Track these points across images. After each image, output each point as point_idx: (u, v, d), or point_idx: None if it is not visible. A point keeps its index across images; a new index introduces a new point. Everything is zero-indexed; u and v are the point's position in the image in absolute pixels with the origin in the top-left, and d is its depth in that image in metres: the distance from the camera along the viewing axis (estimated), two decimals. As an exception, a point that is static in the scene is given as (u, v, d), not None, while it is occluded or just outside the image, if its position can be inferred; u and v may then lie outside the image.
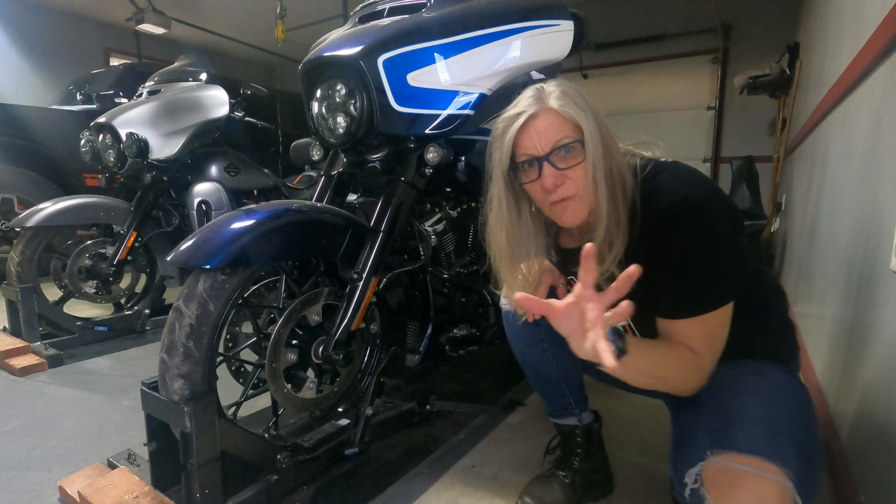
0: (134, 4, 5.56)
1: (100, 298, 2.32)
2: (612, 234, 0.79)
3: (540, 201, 0.85)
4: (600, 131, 0.79)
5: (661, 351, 0.77)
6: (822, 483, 1.17)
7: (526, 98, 0.83)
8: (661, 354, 0.76)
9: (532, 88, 0.84)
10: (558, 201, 0.81)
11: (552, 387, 1.10)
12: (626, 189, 0.80)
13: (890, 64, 1.08)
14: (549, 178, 0.80)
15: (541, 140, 0.80)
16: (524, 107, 0.82)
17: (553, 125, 0.80)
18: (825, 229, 1.71)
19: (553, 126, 0.80)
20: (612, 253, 0.79)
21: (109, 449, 1.29)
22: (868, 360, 1.05)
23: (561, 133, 0.80)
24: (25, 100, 4.88)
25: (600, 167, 0.78)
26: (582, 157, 0.79)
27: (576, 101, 0.80)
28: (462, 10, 1.20)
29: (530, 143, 0.81)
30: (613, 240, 0.79)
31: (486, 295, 1.45)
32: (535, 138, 0.81)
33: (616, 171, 0.80)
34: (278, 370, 1.05)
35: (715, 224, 0.76)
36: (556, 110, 0.80)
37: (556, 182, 0.80)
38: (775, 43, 4.28)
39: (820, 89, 2.16)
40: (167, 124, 2.30)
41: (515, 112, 0.83)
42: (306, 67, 1.19)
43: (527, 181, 0.84)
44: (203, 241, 0.96)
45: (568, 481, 1.09)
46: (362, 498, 1.11)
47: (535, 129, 0.81)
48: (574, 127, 0.79)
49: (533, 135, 0.81)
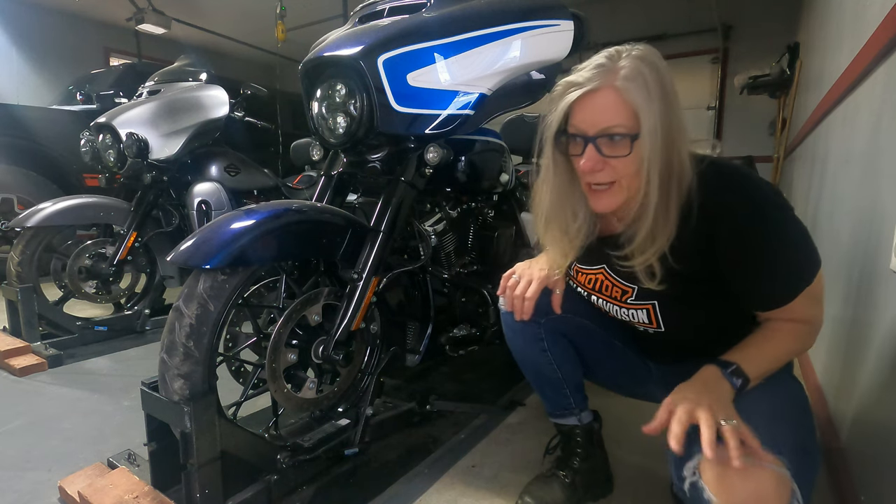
0: (134, 4, 5.56)
1: (100, 298, 2.32)
2: (657, 228, 0.76)
3: (581, 178, 0.82)
4: (663, 125, 0.73)
5: (774, 345, 0.78)
6: (822, 481, 1.17)
7: (594, 64, 0.76)
8: (775, 348, 0.77)
9: (607, 53, 0.76)
10: (594, 185, 0.79)
11: (552, 387, 1.10)
12: (682, 183, 0.76)
13: (890, 64, 1.08)
14: (588, 161, 0.76)
15: (594, 118, 0.75)
16: (588, 76, 0.75)
17: (610, 108, 0.74)
18: (825, 229, 1.71)
19: (610, 109, 0.74)
20: (654, 246, 0.77)
21: (109, 449, 1.29)
22: (868, 361, 1.05)
23: (616, 119, 0.74)
24: (25, 100, 4.88)
25: (656, 162, 0.74)
26: (629, 150, 0.74)
27: (646, 86, 0.73)
28: (462, 10, 1.20)
29: (582, 117, 0.76)
30: (658, 233, 0.76)
31: (486, 295, 1.45)
32: (588, 114, 0.75)
33: (676, 165, 0.75)
34: (278, 370, 1.05)
35: (781, 207, 0.75)
36: (619, 90, 0.73)
37: (595, 167, 0.76)
38: (775, 43, 4.28)
39: (820, 89, 2.16)
40: (167, 124, 2.30)
41: (578, 79, 0.76)
42: (306, 67, 1.19)
43: (572, 153, 0.80)
44: (203, 241, 0.96)
45: (568, 481, 1.09)
46: (362, 498, 1.11)
47: (592, 104, 0.75)
48: (633, 115, 0.74)
49: (587, 109, 0.75)
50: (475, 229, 1.51)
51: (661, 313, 0.88)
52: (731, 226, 0.76)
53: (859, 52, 1.31)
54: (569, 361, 1.07)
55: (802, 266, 0.76)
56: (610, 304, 0.95)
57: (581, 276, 0.98)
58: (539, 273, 0.97)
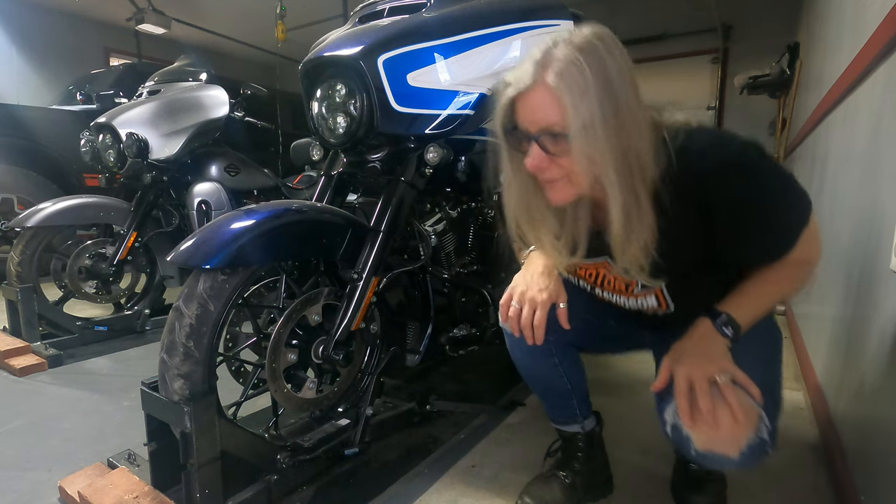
0: (134, 4, 5.56)
1: (100, 298, 2.32)
2: (631, 222, 0.73)
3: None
4: (605, 118, 0.68)
5: (769, 289, 0.80)
6: (822, 481, 1.17)
7: (527, 63, 0.72)
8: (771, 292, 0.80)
9: (540, 48, 0.72)
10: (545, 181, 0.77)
11: (560, 397, 1.08)
12: (645, 176, 0.72)
13: (890, 64, 1.08)
14: (533, 159, 0.74)
15: (532, 117, 0.73)
16: (519, 76, 0.73)
17: (545, 106, 0.71)
18: (825, 229, 1.71)
19: (545, 107, 0.71)
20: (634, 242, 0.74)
21: (109, 449, 1.29)
22: (868, 361, 1.05)
23: (551, 118, 0.71)
24: (25, 100, 4.87)
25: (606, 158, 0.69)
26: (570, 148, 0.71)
27: (580, 82, 0.68)
28: (462, 10, 1.20)
29: (523, 114, 0.74)
30: (633, 228, 0.73)
31: (486, 295, 1.45)
32: (527, 113, 0.73)
33: (633, 158, 0.71)
34: (278, 370, 1.05)
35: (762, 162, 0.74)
36: (550, 88, 0.69)
37: (541, 164, 0.74)
38: (775, 43, 4.27)
39: (820, 89, 2.16)
40: (167, 124, 2.30)
41: (511, 78, 0.74)
42: (306, 67, 1.19)
43: (522, 150, 0.77)
44: (203, 241, 0.96)
45: (568, 482, 1.09)
46: (362, 498, 1.11)
47: (528, 103, 0.72)
48: (566, 111, 0.69)
49: (525, 108, 0.73)
50: (475, 229, 1.51)
51: (671, 294, 0.87)
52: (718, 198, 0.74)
53: (859, 52, 1.31)
54: (577, 371, 1.06)
55: (795, 214, 0.76)
56: (616, 297, 0.94)
57: (581, 271, 0.96)
58: (541, 296, 0.90)
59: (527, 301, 0.90)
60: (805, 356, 1.79)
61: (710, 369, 0.71)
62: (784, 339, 0.91)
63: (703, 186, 0.74)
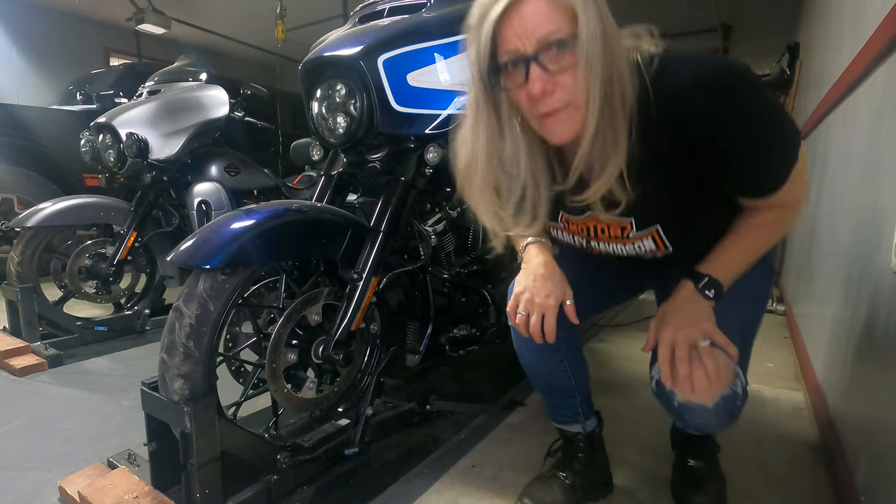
0: (134, 4, 5.57)
1: (100, 298, 2.32)
2: (607, 153, 0.69)
3: (527, 112, 0.72)
4: (602, 24, 0.64)
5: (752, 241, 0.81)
6: (822, 480, 1.17)
7: None
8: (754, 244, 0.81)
9: None
10: (549, 113, 0.69)
11: (562, 395, 1.08)
12: (625, 97, 0.68)
13: (890, 64, 1.08)
14: (537, 82, 0.66)
15: (527, 30, 0.65)
16: None
17: (543, 13, 0.64)
18: (825, 229, 1.71)
19: (543, 14, 0.64)
20: (605, 174, 0.70)
21: (109, 449, 1.29)
22: (868, 360, 1.05)
23: (552, 24, 0.64)
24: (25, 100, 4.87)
25: (598, 71, 0.64)
26: (576, 59, 0.65)
27: None
28: (462, 10, 1.18)
29: (514, 33, 0.65)
30: (609, 159, 0.69)
31: (486, 295, 1.45)
32: (519, 27, 0.65)
33: (616, 77, 0.66)
34: (278, 370, 1.05)
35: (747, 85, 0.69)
36: None
37: (546, 89, 0.66)
38: (775, 43, 4.28)
39: (820, 89, 2.16)
40: (167, 124, 2.30)
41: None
42: (306, 67, 1.19)
43: (512, 86, 0.70)
44: (203, 241, 0.96)
45: (568, 482, 1.09)
46: (362, 498, 1.11)
47: (520, 16, 0.65)
48: (569, 16, 0.64)
49: (517, 23, 0.65)
50: (475, 229, 1.51)
51: (667, 234, 0.83)
52: (700, 121, 0.69)
53: (859, 52, 1.31)
54: (582, 369, 1.07)
55: (784, 146, 0.73)
56: (613, 245, 0.90)
57: (573, 226, 0.91)
58: (548, 302, 0.87)
59: (534, 309, 0.87)
60: (805, 356, 1.79)
61: (691, 334, 0.74)
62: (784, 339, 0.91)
63: (685, 112, 0.69)
